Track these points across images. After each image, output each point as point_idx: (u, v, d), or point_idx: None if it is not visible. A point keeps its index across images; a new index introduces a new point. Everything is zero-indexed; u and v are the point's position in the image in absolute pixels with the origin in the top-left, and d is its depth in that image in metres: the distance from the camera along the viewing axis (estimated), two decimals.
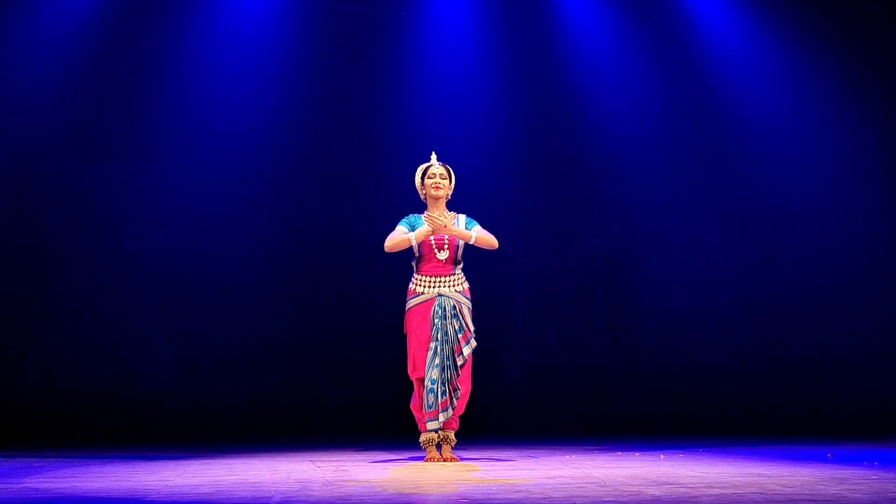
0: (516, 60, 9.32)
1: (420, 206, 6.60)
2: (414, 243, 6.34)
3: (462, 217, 6.51)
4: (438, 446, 6.36)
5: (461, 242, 6.43)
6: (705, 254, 9.36)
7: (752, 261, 9.35)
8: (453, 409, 6.32)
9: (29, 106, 8.53)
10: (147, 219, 8.77)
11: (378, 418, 8.82)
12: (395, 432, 8.18)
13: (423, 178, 6.48)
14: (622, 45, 9.36)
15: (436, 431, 6.31)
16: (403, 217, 6.49)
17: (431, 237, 6.36)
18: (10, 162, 8.55)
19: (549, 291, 9.32)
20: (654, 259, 9.37)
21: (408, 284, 6.51)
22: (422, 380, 6.34)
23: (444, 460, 6.27)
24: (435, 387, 6.23)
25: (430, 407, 6.25)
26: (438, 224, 6.28)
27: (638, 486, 4.90)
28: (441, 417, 6.25)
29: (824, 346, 9.20)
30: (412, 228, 6.39)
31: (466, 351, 6.32)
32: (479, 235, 6.39)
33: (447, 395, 6.25)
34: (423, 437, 6.37)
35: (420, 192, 6.53)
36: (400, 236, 6.36)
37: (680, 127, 9.39)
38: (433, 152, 6.56)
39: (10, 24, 8.50)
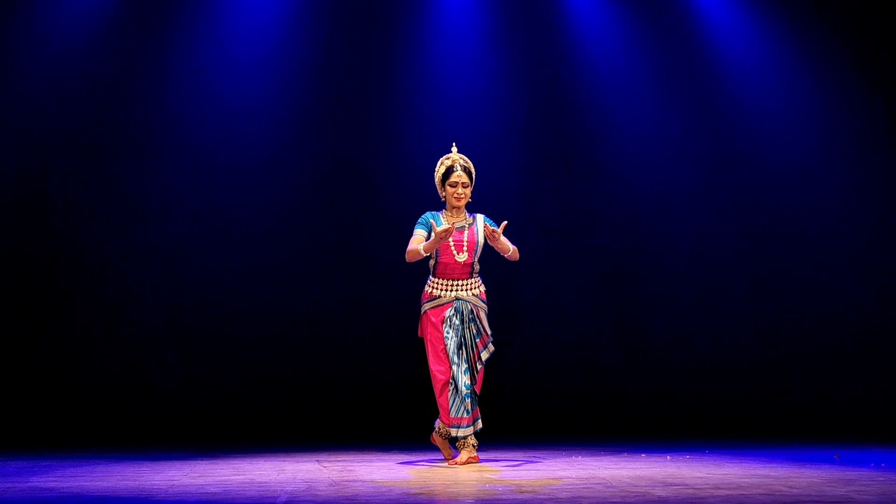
0: (523, 58, 9.31)
1: (436, 200, 6.50)
2: (423, 255, 6.17)
3: (480, 217, 6.38)
4: (456, 445, 6.22)
5: (480, 245, 6.30)
6: (712, 253, 9.34)
7: (760, 260, 9.32)
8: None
9: (38, 104, 8.55)
10: (155, 218, 8.77)
11: (384, 419, 8.81)
12: (402, 433, 8.18)
13: (443, 181, 6.29)
14: (629, 44, 9.35)
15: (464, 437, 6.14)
16: (420, 217, 6.31)
17: (451, 239, 6.20)
18: (19, 160, 8.56)
19: (554, 290, 9.30)
20: (661, 258, 9.36)
21: (422, 287, 6.38)
22: (447, 382, 6.16)
23: (465, 462, 6.08)
24: (469, 391, 6.08)
25: (466, 412, 6.07)
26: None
27: (644, 487, 4.90)
28: (478, 426, 6.12)
29: (833, 346, 9.18)
30: (430, 229, 6.20)
31: (485, 355, 6.20)
32: (515, 252, 6.30)
33: (476, 401, 6.13)
34: (457, 433, 6.11)
35: (439, 191, 6.36)
36: (415, 248, 6.16)
37: (686, 126, 9.37)
38: (454, 144, 6.43)
39: (21, 24, 8.51)
